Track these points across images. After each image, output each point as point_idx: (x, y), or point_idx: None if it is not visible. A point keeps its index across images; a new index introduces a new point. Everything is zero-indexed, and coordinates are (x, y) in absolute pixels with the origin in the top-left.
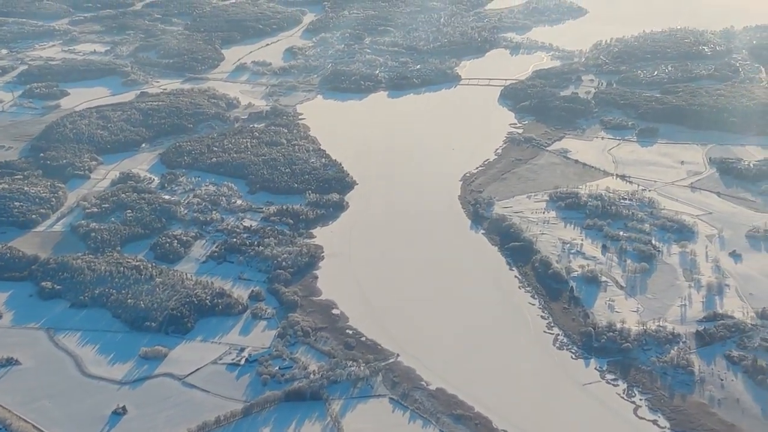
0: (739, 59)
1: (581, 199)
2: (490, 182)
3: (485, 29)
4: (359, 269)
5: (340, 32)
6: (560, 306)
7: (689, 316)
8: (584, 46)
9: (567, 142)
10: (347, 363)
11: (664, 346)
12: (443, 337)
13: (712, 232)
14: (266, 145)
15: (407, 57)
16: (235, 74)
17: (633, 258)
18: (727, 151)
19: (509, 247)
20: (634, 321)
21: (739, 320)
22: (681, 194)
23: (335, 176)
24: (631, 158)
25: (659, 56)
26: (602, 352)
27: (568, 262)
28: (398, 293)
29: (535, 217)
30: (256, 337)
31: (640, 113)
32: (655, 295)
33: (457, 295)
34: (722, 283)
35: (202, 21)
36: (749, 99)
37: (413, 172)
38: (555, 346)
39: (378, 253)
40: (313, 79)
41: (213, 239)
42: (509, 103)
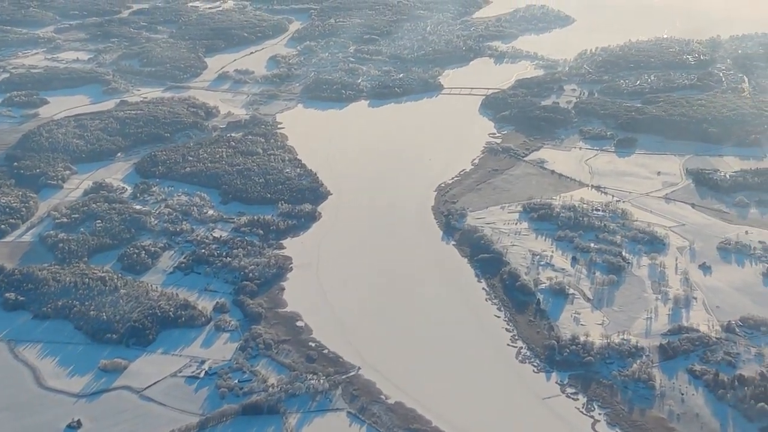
0: (722, 69)
1: (554, 210)
2: (464, 193)
3: (471, 38)
4: (327, 281)
5: (324, 41)
6: (526, 319)
7: (654, 329)
8: (569, 55)
9: (545, 152)
10: (307, 376)
11: (626, 360)
12: (406, 350)
13: (684, 244)
14: (242, 154)
15: (390, 66)
16: (217, 83)
17: (602, 270)
18: (705, 161)
19: (479, 259)
20: (598, 334)
21: (703, 334)
22: (655, 205)
23: (309, 186)
24: (607, 169)
25: (643, 66)
26: (564, 365)
27: (537, 274)
28: (364, 305)
29: (507, 228)
30: (218, 350)
31: (620, 123)
32: (622, 308)
33: (422, 307)
34: (690, 295)
35: (187, 29)
36: (729, 109)
37: (389, 183)
38: (517, 359)
39: (347, 264)
40: (295, 87)
41: (182, 250)
42: (490, 112)
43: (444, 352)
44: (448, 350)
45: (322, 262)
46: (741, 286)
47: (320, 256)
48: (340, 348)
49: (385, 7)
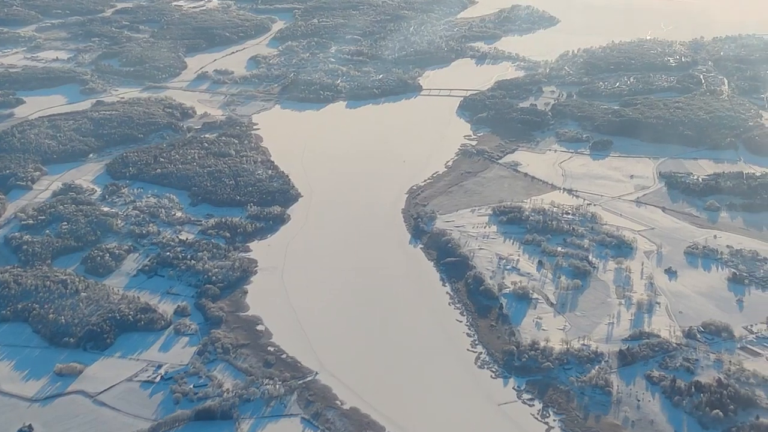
0: (703, 71)
1: (523, 213)
2: (436, 195)
3: (453, 39)
4: (291, 284)
5: (306, 41)
6: (487, 323)
7: (615, 334)
8: (551, 57)
9: (519, 154)
10: (263, 381)
11: (585, 365)
12: (365, 355)
13: (651, 248)
14: (214, 156)
15: (371, 67)
16: (196, 83)
17: (567, 274)
18: (679, 165)
19: (445, 263)
20: (558, 339)
21: (663, 339)
22: (626, 209)
23: (279, 188)
24: (581, 172)
25: (623, 67)
26: (523, 371)
27: (502, 279)
28: (327, 309)
29: (475, 231)
30: (176, 354)
31: (596, 126)
32: (584, 313)
33: (385, 312)
34: (653, 300)
35: (169, 28)
36: (706, 112)
37: (361, 185)
38: (476, 365)
39: (313, 267)
40: (274, 88)
41: (147, 253)
42: (467, 114)
43: (403, 357)
44: (407, 355)
45: (288, 265)
46: (706, 291)
47: (286, 260)
48: (299, 353)
49: (369, 8)
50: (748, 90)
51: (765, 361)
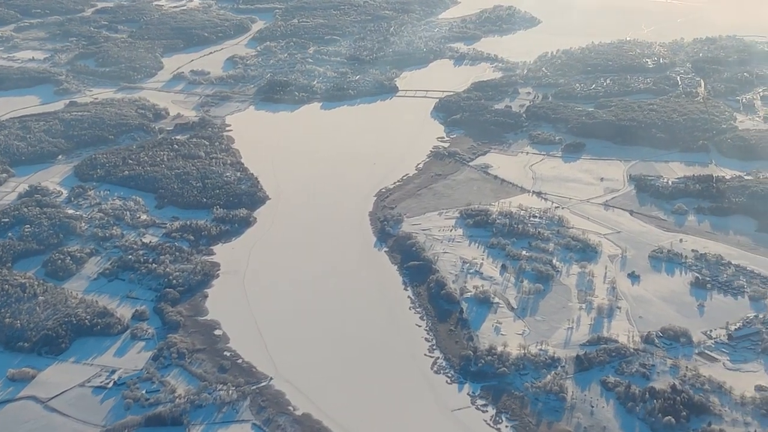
0: (681, 72)
1: (490, 216)
2: (404, 198)
3: (433, 39)
4: (252, 288)
5: (285, 41)
6: (447, 328)
7: (574, 339)
8: (530, 58)
9: (491, 157)
10: (216, 386)
11: (541, 371)
12: (321, 360)
13: (616, 252)
14: (183, 158)
15: (348, 67)
16: (172, 83)
17: (530, 278)
18: (650, 167)
19: (408, 266)
20: (516, 344)
21: (621, 345)
22: (593, 212)
23: (247, 191)
24: (551, 174)
25: (600, 69)
26: (478, 376)
27: (464, 283)
28: (286, 313)
29: (441, 234)
30: (131, 359)
31: (569, 128)
32: (545, 317)
33: (345, 316)
34: (614, 305)
35: (147, 28)
36: (680, 114)
37: (330, 187)
38: (432, 370)
39: (275, 271)
40: (249, 89)
41: (109, 256)
42: (442, 115)
43: (359, 362)
44: (364, 360)
45: (250, 268)
46: (667, 295)
47: (249, 263)
48: (255, 357)
49: (350, 8)
50: (723, 92)
51: (721, 367)
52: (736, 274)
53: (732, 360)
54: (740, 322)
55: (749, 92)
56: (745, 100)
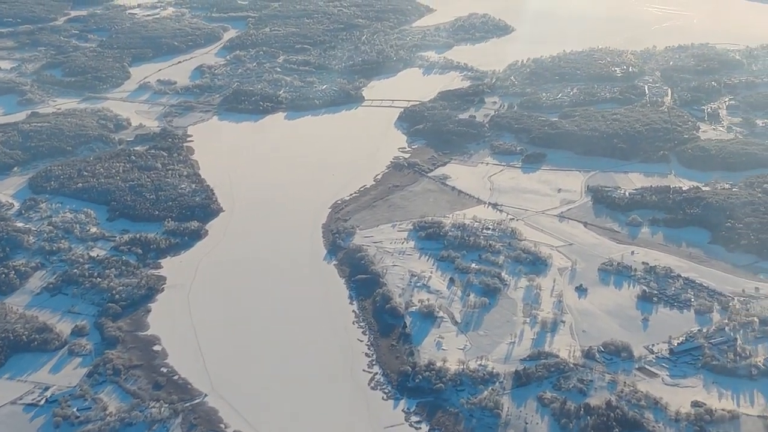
0: (649, 81)
1: (443, 228)
2: (359, 210)
3: (404, 48)
4: (196, 302)
5: (255, 50)
6: (389, 343)
7: (515, 354)
8: (500, 66)
9: (450, 167)
10: (149, 404)
11: (478, 387)
12: (259, 376)
13: (566, 265)
14: (139, 169)
15: (316, 77)
16: (137, 93)
17: (477, 292)
18: (609, 178)
19: (356, 280)
20: (456, 359)
21: (561, 360)
22: (548, 224)
23: (200, 203)
24: (509, 185)
25: (568, 78)
26: (415, 392)
27: (410, 296)
28: (228, 329)
29: (393, 247)
30: (66, 376)
31: (531, 138)
32: (487, 332)
33: (288, 331)
34: (558, 319)
35: (117, 37)
36: (643, 124)
37: (285, 199)
38: (369, 386)
39: (221, 285)
40: (215, 99)
41: (54, 270)
42: (405, 125)
43: (297, 378)
44: (302, 376)
45: (197, 282)
46: (613, 309)
47: (196, 277)
48: (192, 374)
49: (324, 16)
50: (689, 101)
51: (660, 382)
52: (684, 287)
53: (671, 375)
54: (683, 336)
55: (716, 101)
56: (710, 110)
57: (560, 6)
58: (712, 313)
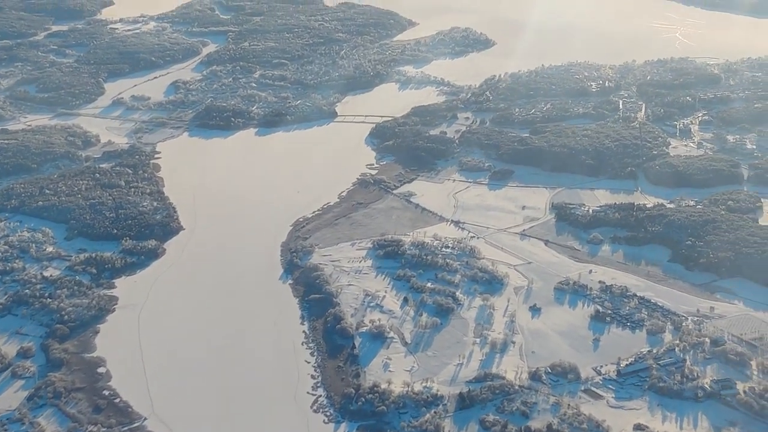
0: (624, 96)
1: (402, 247)
2: (320, 228)
3: (382, 62)
4: (146, 324)
5: (232, 65)
6: (336, 364)
7: (462, 375)
8: (476, 81)
9: (417, 184)
10: (87, 428)
11: (421, 409)
12: (201, 399)
13: (522, 284)
14: (102, 187)
15: (291, 92)
16: (110, 109)
17: (430, 312)
18: (575, 195)
19: (309, 300)
20: (401, 381)
21: (507, 381)
22: (508, 242)
23: (161, 221)
24: (474, 202)
25: (543, 93)
26: (357, 415)
27: (363, 316)
28: (175, 350)
29: (350, 266)
30: (6, 399)
31: (500, 154)
32: (436, 353)
33: (236, 352)
34: (509, 339)
35: (95, 53)
36: (612, 140)
37: (249, 216)
38: (312, 409)
39: (173, 305)
40: (187, 115)
41: (6, 290)
42: (376, 141)
43: (240, 401)
44: (244, 399)
45: (149, 303)
46: (565, 329)
47: (149, 297)
48: (134, 397)
49: (304, 30)
50: (662, 116)
51: (605, 404)
52: (639, 306)
53: (617, 397)
54: (633, 357)
55: (689, 117)
56: (682, 126)
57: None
58: (664, 334)
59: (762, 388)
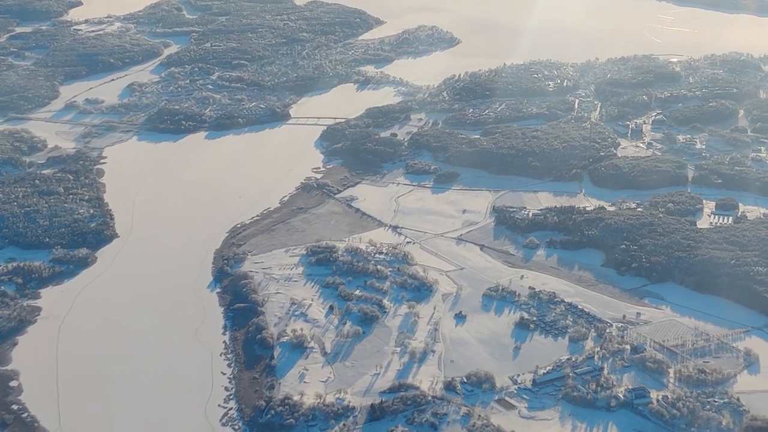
0: (581, 95)
1: (335, 253)
2: (256, 234)
3: (343, 63)
4: (66, 335)
5: (190, 67)
6: (252, 375)
7: (377, 386)
8: (436, 81)
9: (360, 188)
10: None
11: (330, 422)
12: (111, 414)
13: (451, 291)
14: (40, 194)
15: (246, 94)
16: (62, 113)
17: (354, 320)
18: (518, 198)
19: (234, 309)
20: (314, 393)
21: (420, 392)
22: (444, 247)
23: (94, 229)
24: (415, 207)
25: (500, 92)
26: (266, 428)
27: (286, 326)
28: (93, 363)
29: (280, 273)
30: None
31: (447, 156)
32: (354, 363)
33: (153, 365)
34: (429, 348)
35: (54, 55)
36: (561, 141)
37: (187, 223)
38: (221, 422)
39: (97, 316)
40: (139, 118)
41: None
42: (325, 144)
43: (150, 415)
44: (155, 413)
45: (72, 314)
46: (488, 337)
47: (73, 308)
48: (43, 411)
49: (268, 30)
50: (616, 116)
51: (517, 414)
52: (565, 313)
53: (530, 407)
54: (551, 365)
55: (642, 116)
56: (634, 126)
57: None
58: (587, 341)
59: (675, 397)
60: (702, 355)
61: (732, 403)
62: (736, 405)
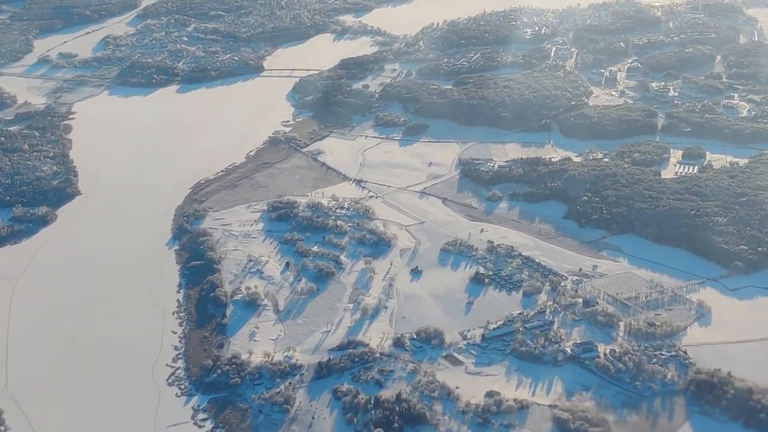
0: (558, 43)
1: (296, 209)
2: (219, 190)
3: (322, 12)
4: (21, 295)
5: (167, 18)
6: (202, 334)
7: (326, 344)
8: (413, 30)
9: (328, 142)
10: None
11: (276, 380)
12: (57, 373)
13: (409, 246)
14: (5, 152)
15: (221, 45)
16: (35, 68)
17: (310, 277)
18: (485, 150)
19: (190, 266)
20: (262, 351)
21: (368, 349)
22: (407, 201)
23: (56, 186)
24: (381, 160)
25: (476, 41)
26: (211, 387)
27: (241, 283)
28: (44, 323)
29: (240, 230)
30: None
31: (418, 108)
32: (306, 320)
33: (104, 324)
34: (381, 305)
35: (31, 8)
36: (532, 91)
37: (151, 179)
38: (167, 382)
39: (52, 275)
40: (111, 72)
41: None
42: (297, 97)
43: (97, 375)
44: (102, 372)
45: (28, 274)
46: (442, 292)
47: (29, 267)
48: None
49: None
50: (591, 64)
51: (463, 370)
52: (521, 267)
53: (477, 363)
54: (501, 320)
55: (618, 63)
56: (608, 74)
57: None
58: (540, 295)
59: (622, 351)
60: (655, 307)
61: (679, 357)
62: (683, 358)
